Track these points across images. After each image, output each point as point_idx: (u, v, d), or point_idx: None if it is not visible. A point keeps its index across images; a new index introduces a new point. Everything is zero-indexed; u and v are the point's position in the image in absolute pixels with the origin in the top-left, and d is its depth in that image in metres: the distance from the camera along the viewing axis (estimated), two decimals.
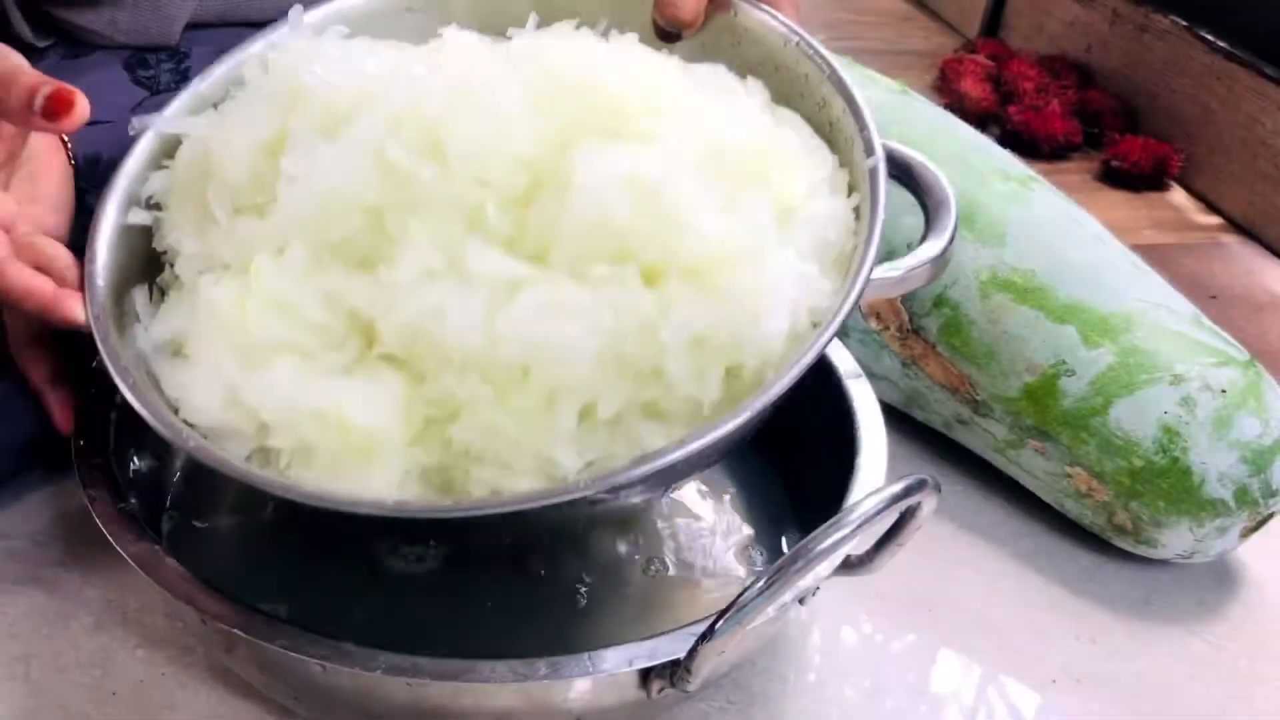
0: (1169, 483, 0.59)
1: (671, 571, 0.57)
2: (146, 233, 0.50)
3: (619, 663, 0.42)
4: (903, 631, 0.59)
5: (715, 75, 0.51)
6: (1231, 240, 1.04)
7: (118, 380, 0.45)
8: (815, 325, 0.44)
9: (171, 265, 0.49)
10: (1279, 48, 1.04)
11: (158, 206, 0.50)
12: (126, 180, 0.50)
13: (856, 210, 0.47)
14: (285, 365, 0.44)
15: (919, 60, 1.36)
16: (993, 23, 1.41)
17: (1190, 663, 0.58)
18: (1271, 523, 0.61)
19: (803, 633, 0.58)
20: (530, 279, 0.43)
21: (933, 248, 0.48)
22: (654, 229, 0.43)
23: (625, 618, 0.54)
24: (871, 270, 0.44)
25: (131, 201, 0.50)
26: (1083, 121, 1.18)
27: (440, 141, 0.44)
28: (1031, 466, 0.64)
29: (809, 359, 0.42)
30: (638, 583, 0.56)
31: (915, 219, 0.65)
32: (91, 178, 0.62)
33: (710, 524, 0.60)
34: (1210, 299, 0.93)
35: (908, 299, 0.66)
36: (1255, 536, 0.61)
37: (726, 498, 0.62)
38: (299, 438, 0.43)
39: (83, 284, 0.48)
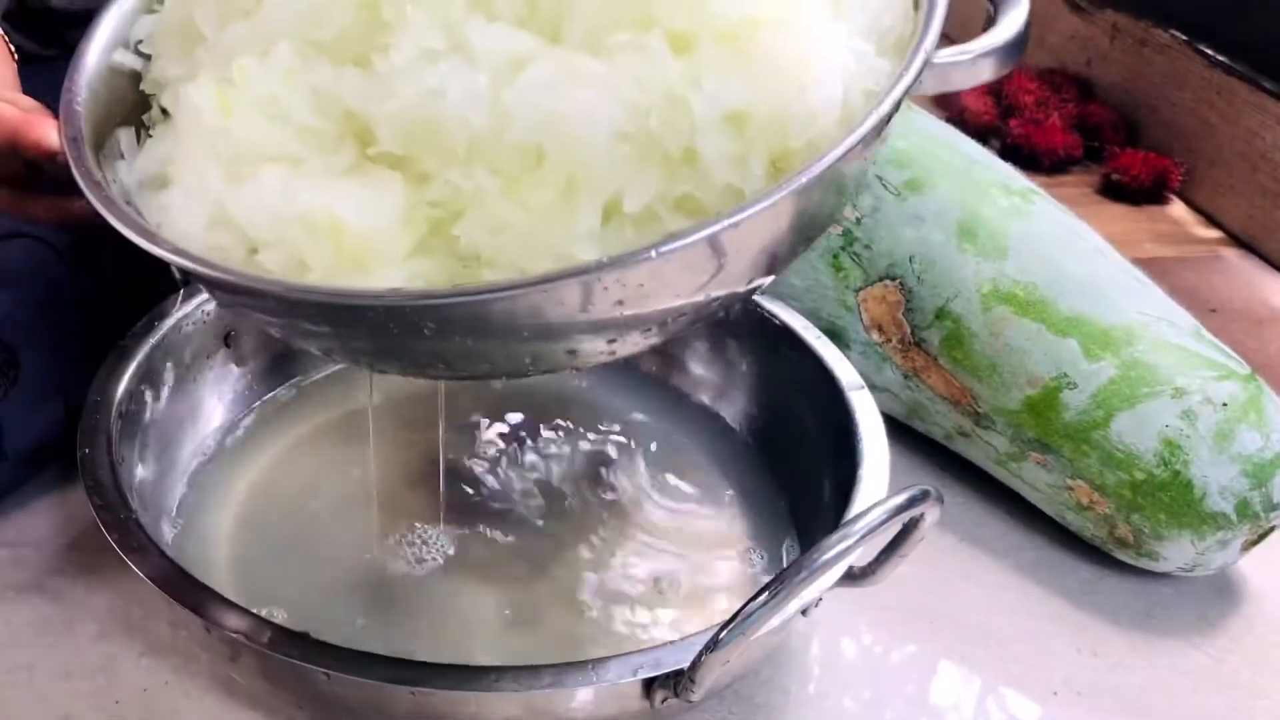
0: (1170, 496, 0.59)
1: (674, 582, 0.57)
2: (135, 79, 0.47)
3: (623, 672, 0.42)
4: (904, 643, 0.59)
5: None
6: (1231, 254, 1.04)
7: (89, 194, 0.41)
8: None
9: (158, 101, 0.46)
10: (1278, 62, 1.05)
11: (143, 55, 0.47)
12: (113, 21, 0.47)
13: None
14: (274, 174, 0.39)
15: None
16: None
17: (1192, 675, 0.58)
18: (1272, 536, 0.61)
19: (805, 644, 0.58)
20: (540, 53, 0.38)
21: (1007, 29, 0.42)
22: None
23: (627, 628, 0.55)
24: (934, 45, 0.39)
25: (118, 43, 0.47)
26: (1083, 135, 1.18)
27: None
28: (1033, 479, 0.64)
29: (870, 124, 0.36)
30: (640, 593, 0.57)
31: (917, 231, 0.65)
32: None
33: (712, 535, 0.60)
34: (1210, 312, 0.93)
35: (909, 311, 0.66)
36: (1256, 550, 0.61)
37: (728, 509, 0.62)
38: (290, 252, 0.38)
39: (56, 118, 0.44)
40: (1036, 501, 0.66)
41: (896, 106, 0.37)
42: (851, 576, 0.49)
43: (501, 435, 0.65)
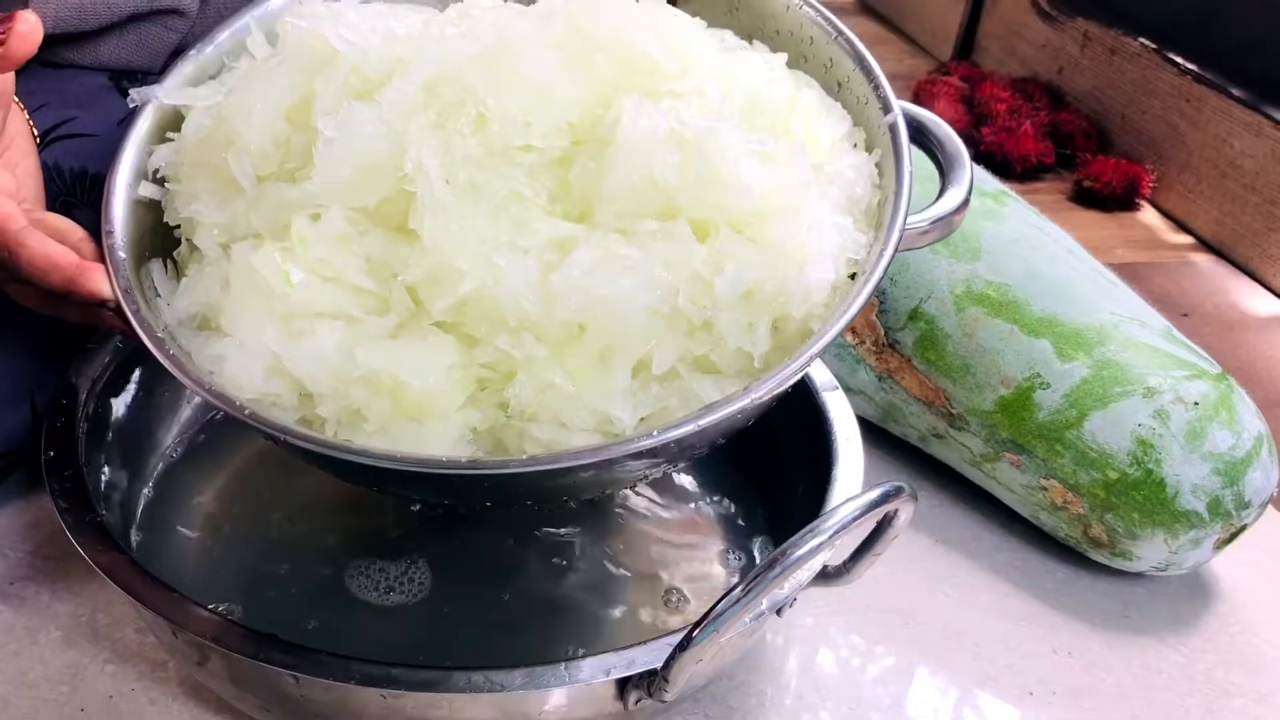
0: (1143, 495, 0.59)
1: (649, 585, 0.57)
2: (154, 207, 0.48)
3: (595, 672, 0.42)
4: (879, 644, 0.58)
5: (727, 38, 0.50)
6: (1202, 259, 1.05)
7: (157, 353, 0.43)
8: (853, 277, 0.44)
9: (188, 239, 0.47)
10: (1246, 70, 1.06)
11: (162, 181, 0.49)
12: (132, 153, 0.49)
13: (878, 166, 0.48)
14: (330, 332, 0.43)
15: (893, 83, 1.37)
16: (966, 46, 1.43)
17: (1166, 674, 0.58)
18: (1244, 535, 0.61)
19: (781, 646, 0.58)
20: (581, 238, 0.43)
21: (954, 198, 0.48)
22: (701, 184, 0.43)
23: (598, 627, 0.54)
24: (906, 220, 0.45)
25: (139, 175, 0.49)
26: (1055, 142, 1.19)
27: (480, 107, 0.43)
28: (1008, 480, 0.64)
29: (856, 308, 0.43)
30: (615, 594, 0.56)
31: None
32: (79, 192, 0.61)
33: (687, 537, 0.60)
34: (1182, 316, 0.94)
35: (883, 313, 0.66)
36: (1229, 549, 0.62)
37: (702, 511, 0.61)
38: (347, 405, 0.42)
39: (103, 257, 0.46)
40: (1011, 503, 0.66)
41: (881, 279, 0.44)
42: (826, 576, 0.49)
43: None
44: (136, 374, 0.58)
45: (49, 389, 0.54)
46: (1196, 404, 0.59)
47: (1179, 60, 1.12)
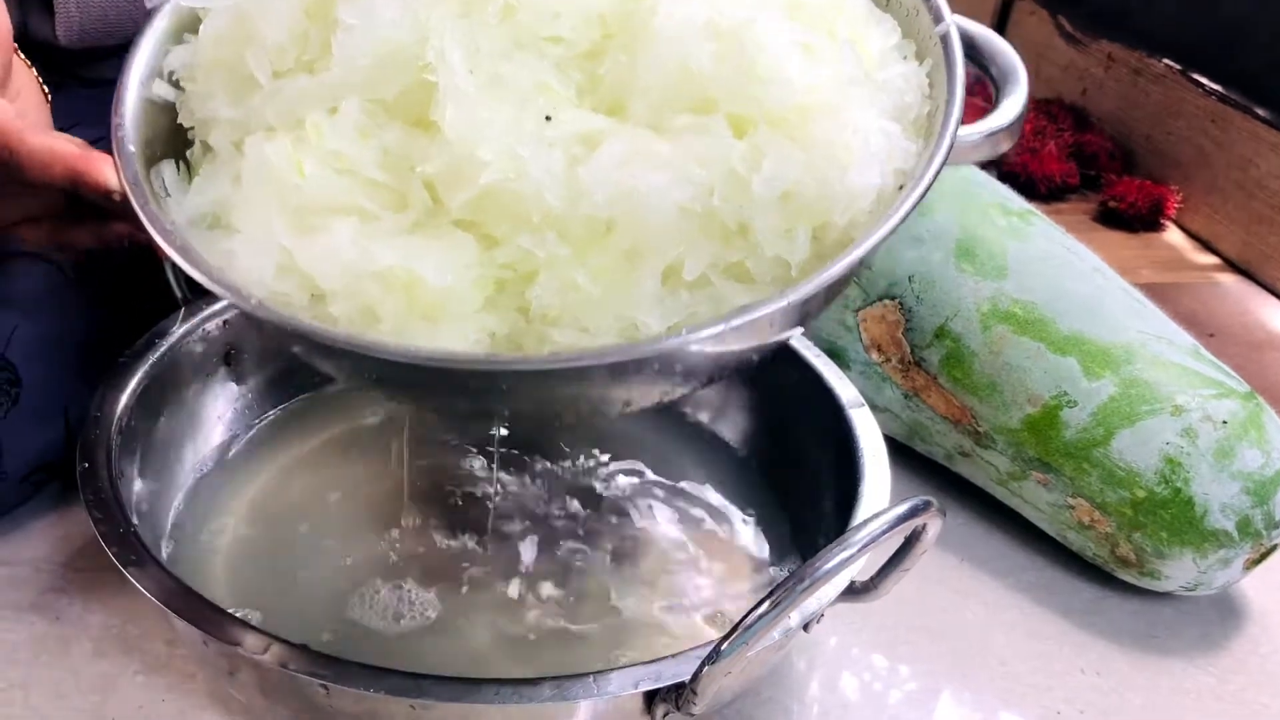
0: (1171, 514, 0.59)
1: (676, 600, 0.57)
2: (168, 110, 0.47)
3: (624, 684, 0.42)
4: (906, 662, 0.58)
5: None
6: (1228, 279, 1.05)
7: (163, 243, 0.42)
8: (900, 188, 0.42)
9: (202, 139, 0.46)
10: (1272, 91, 1.06)
11: (177, 84, 0.47)
12: (146, 54, 0.48)
13: (929, 77, 0.46)
14: (344, 228, 0.41)
15: None
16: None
17: (1194, 696, 0.58)
18: (1275, 555, 0.61)
19: (807, 662, 0.58)
20: (611, 131, 0.40)
21: (1009, 112, 0.46)
22: (739, 77, 0.41)
23: (624, 642, 0.54)
24: (957, 129, 0.43)
25: (153, 74, 0.47)
26: (1080, 163, 1.19)
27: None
28: (1034, 498, 0.64)
29: (901, 215, 0.40)
30: (640, 609, 0.56)
31: (916, 251, 0.66)
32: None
33: (714, 553, 0.60)
34: (1209, 337, 0.93)
35: (909, 331, 0.66)
36: (1259, 569, 0.61)
37: (729, 527, 0.62)
38: (360, 303, 0.40)
39: (111, 155, 0.45)
40: (1038, 521, 0.65)
41: (928, 189, 0.41)
42: (854, 591, 0.49)
43: (500, 461, 0.65)
44: (170, 387, 0.59)
45: (82, 403, 0.55)
46: (1225, 422, 0.59)
47: (1204, 81, 1.12)
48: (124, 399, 0.55)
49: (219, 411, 0.64)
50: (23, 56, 0.52)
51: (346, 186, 0.41)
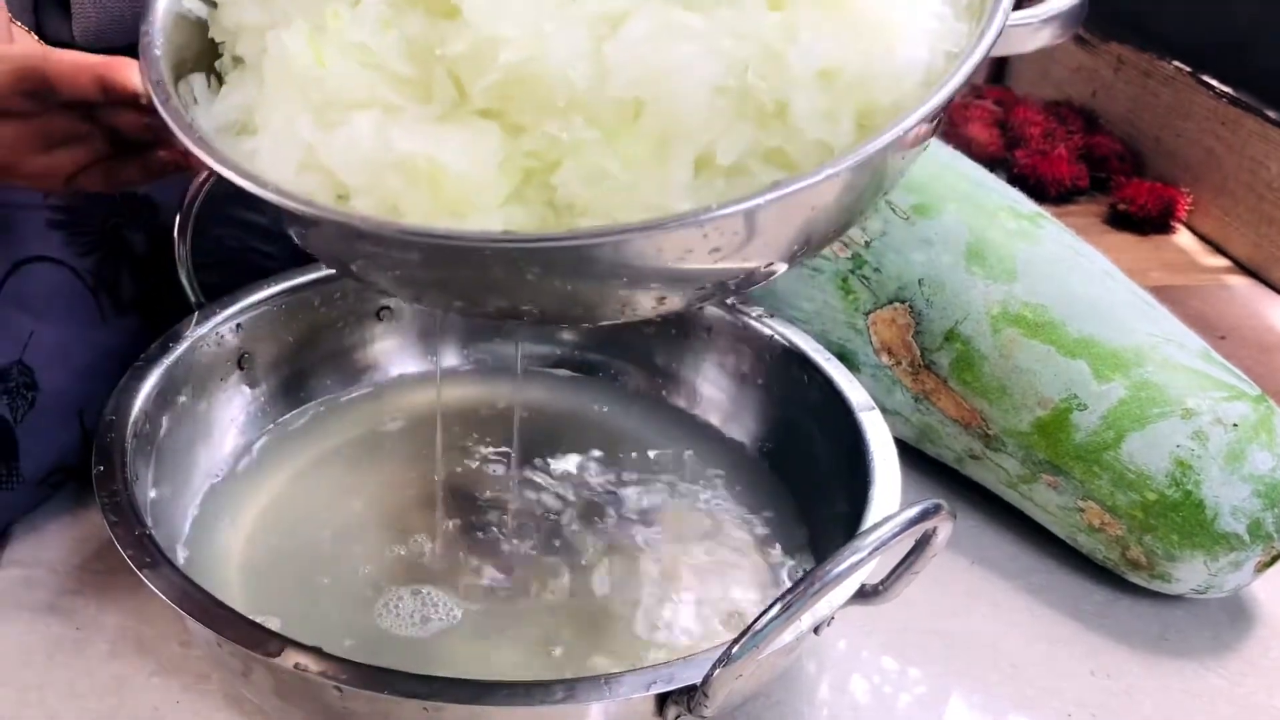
0: (1182, 516, 0.59)
1: (688, 602, 0.57)
2: (200, 27, 0.47)
3: (636, 687, 0.42)
4: (916, 665, 0.58)
5: None
6: (1239, 282, 1.05)
7: (184, 137, 0.41)
8: None
9: (231, 52, 0.46)
10: None
11: (210, 2, 0.47)
12: None
13: None
14: (366, 120, 0.40)
15: None
16: (999, 69, 1.43)
17: (1206, 699, 0.58)
18: None
19: (817, 665, 0.58)
20: (638, 7, 0.38)
21: None
22: None
23: (636, 646, 0.54)
24: (1009, 6, 0.40)
25: None
26: (1089, 166, 1.19)
27: None
28: (1044, 501, 0.64)
29: (955, 84, 0.38)
30: (653, 612, 0.56)
31: (925, 254, 0.66)
32: (127, 213, 0.63)
33: (726, 556, 0.60)
34: (1219, 339, 0.93)
35: (919, 334, 0.66)
36: (1271, 571, 0.61)
37: (741, 530, 0.62)
38: (384, 196, 0.39)
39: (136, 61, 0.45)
40: (1048, 524, 0.65)
41: (978, 66, 0.39)
42: (864, 594, 0.49)
43: (515, 463, 0.65)
44: (184, 392, 0.60)
45: (98, 406, 0.56)
46: (1236, 425, 0.59)
47: (1214, 83, 1.12)
48: (139, 403, 0.56)
49: (233, 415, 0.64)
50: (22, 26, 0.52)
51: (369, 79, 0.41)
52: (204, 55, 0.48)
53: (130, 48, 0.63)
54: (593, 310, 0.44)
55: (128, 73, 0.45)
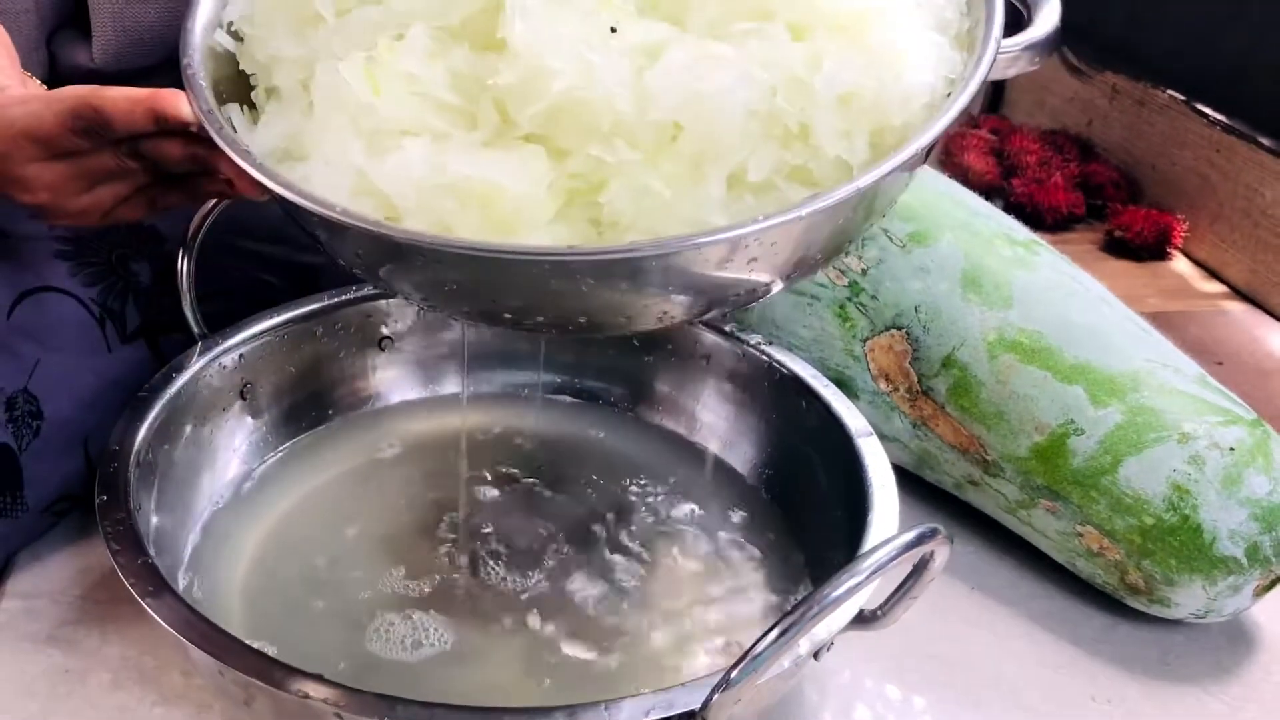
0: (1180, 540, 0.59)
1: (689, 629, 0.57)
2: (228, 61, 0.49)
3: (635, 713, 0.42)
4: (917, 691, 0.58)
5: None
6: (1236, 307, 1.05)
7: (243, 163, 0.44)
8: (948, 97, 0.44)
9: (265, 84, 0.48)
10: (1275, 120, 1.06)
11: (236, 36, 0.49)
12: (206, 7, 0.50)
13: None
14: (417, 146, 0.42)
15: None
16: (995, 99, 1.44)
17: None
18: None
19: (818, 691, 0.58)
20: (674, 39, 0.42)
21: (1045, 25, 0.48)
22: None
23: (635, 672, 0.55)
24: (1000, 38, 0.45)
25: (213, 26, 0.49)
26: (1085, 193, 1.20)
27: None
28: (1043, 526, 0.64)
29: (958, 107, 0.42)
30: (653, 638, 0.57)
31: (922, 282, 0.66)
32: (135, 243, 0.63)
33: (726, 582, 0.60)
34: (1217, 365, 0.93)
35: (916, 360, 0.67)
36: (1270, 596, 0.61)
37: (741, 556, 0.62)
38: (436, 218, 0.42)
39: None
40: (1047, 549, 0.66)
41: (979, 90, 0.43)
42: (863, 619, 0.49)
43: (516, 488, 0.66)
44: (187, 421, 0.60)
45: (102, 435, 0.56)
46: (1232, 449, 0.59)
47: (1208, 111, 1.13)
48: (142, 432, 0.56)
49: (235, 444, 0.64)
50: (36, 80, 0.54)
51: (418, 107, 0.43)
52: (235, 86, 0.49)
53: (148, 70, 0.65)
54: (634, 320, 0.47)
55: (179, 104, 0.47)
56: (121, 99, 0.47)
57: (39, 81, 0.54)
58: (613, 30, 0.42)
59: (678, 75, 0.41)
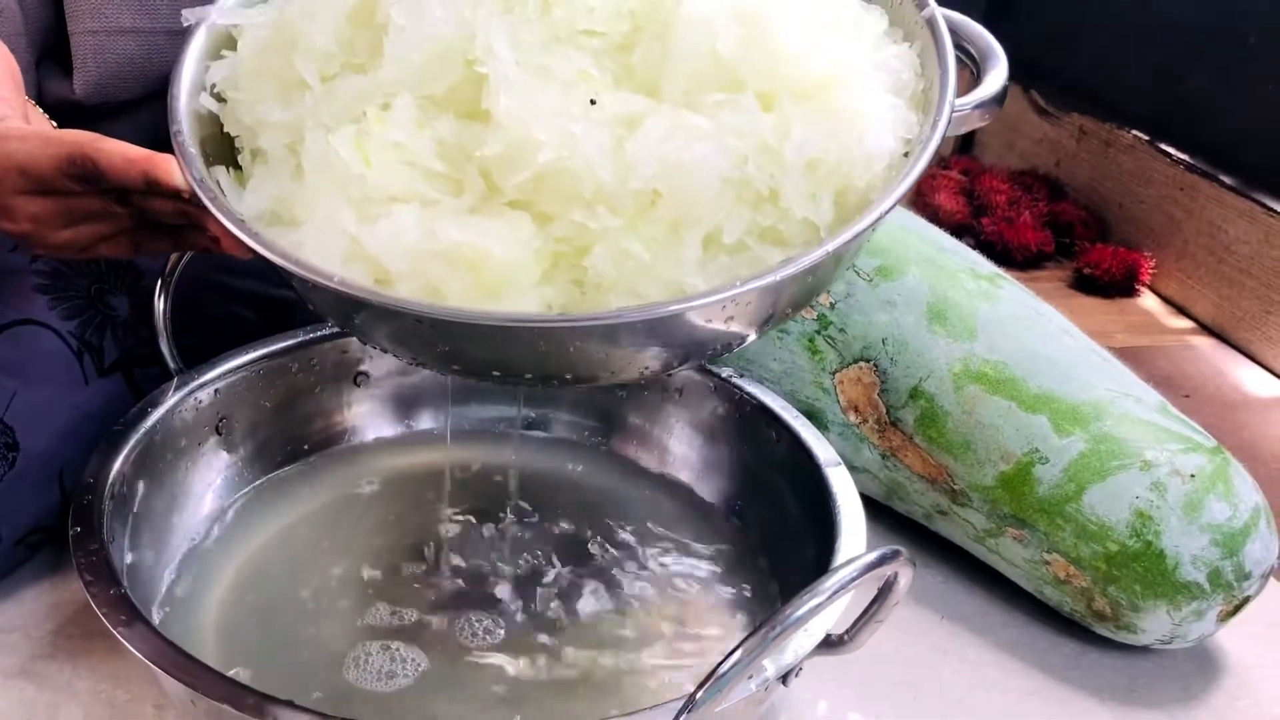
0: (1144, 566, 0.60)
1: (657, 655, 0.58)
2: (211, 122, 0.50)
3: None
4: (889, 718, 0.59)
5: None
6: (1202, 342, 1.07)
7: (239, 232, 0.45)
8: (906, 155, 0.47)
9: (250, 147, 0.49)
10: (1237, 159, 1.09)
11: (219, 98, 0.50)
12: (190, 69, 0.51)
13: (919, 57, 0.50)
14: (407, 213, 0.44)
15: None
16: (966, 140, 1.47)
17: None
18: (1249, 608, 0.62)
19: (791, 718, 0.58)
20: (650, 111, 0.44)
21: (994, 84, 0.50)
22: (762, 57, 0.45)
23: (606, 700, 0.55)
24: (954, 100, 0.47)
25: (196, 89, 0.50)
26: (1054, 232, 1.22)
27: None
28: (1011, 555, 0.65)
29: (918, 170, 0.45)
30: (624, 667, 0.57)
31: (888, 315, 0.68)
32: (114, 279, 0.64)
33: (698, 611, 0.61)
34: (1184, 398, 0.95)
35: (884, 392, 0.68)
36: (1234, 622, 0.62)
37: (712, 585, 0.62)
38: (426, 282, 0.43)
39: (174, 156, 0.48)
40: (1015, 578, 0.66)
41: (937, 152, 0.46)
42: (830, 644, 0.49)
43: (491, 522, 0.66)
44: (162, 456, 0.60)
45: (77, 468, 0.56)
46: (1193, 476, 0.60)
47: (1171, 151, 1.16)
48: (117, 465, 0.56)
49: (210, 479, 0.65)
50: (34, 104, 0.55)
51: (407, 175, 0.45)
52: (219, 146, 0.51)
53: (130, 103, 0.65)
54: (618, 373, 0.49)
55: (172, 170, 0.48)
56: (118, 157, 0.48)
57: (41, 111, 0.55)
58: (592, 102, 0.44)
59: (656, 146, 0.43)
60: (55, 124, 0.60)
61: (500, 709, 0.54)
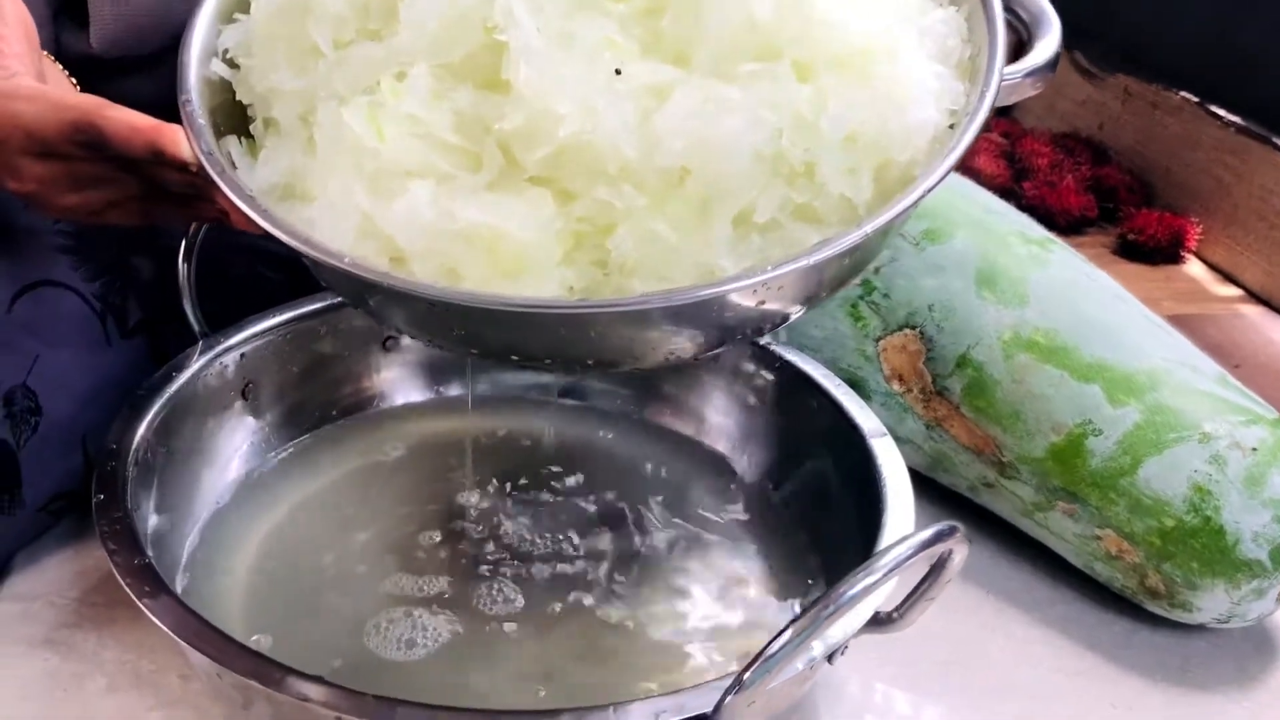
0: (1201, 543, 0.58)
1: (702, 635, 0.56)
2: (223, 89, 0.48)
3: (645, 716, 0.41)
4: (933, 697, 0.57)
5: None
6: (1252, 310, 1.04)
7: (247, 208, 0.43)
8: (952, 127, 0.44)
9: (263, 115, 0.47)
10: None
11: (232, 64, 0.48)
12: (201, 34, 0.49)
13: (966, 21, 0.47)
14: (422, 189, 0.42)
15: None
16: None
17: None
18: None
19: (832, 696, 0.56)
20: (680, 81, 0.42)
21: (1046, 50, 0.48)
22: (799, 24, 0.42)
23: (647, 675, 0.53)
24: (1003, 67, 0.45)
25: (209, 54, 0.49)
26: (1098, 196, 1.18)
27: None
28: (1061, 529, 0.63)
29: (963, 147, 0.42)
30: (664, 642, 0.55)
31: (936, 280, 0.65)
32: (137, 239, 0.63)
33: (739, 587, 0.59)
34: (1234, 368, 0.92)
35: (930, 360, 0.65)
36: None
37: (753, 560, 0.61)
38: (442, 262, 0.41)
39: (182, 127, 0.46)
40: (1064, 553, 0.64)
41: (985, 123, 0.43)
42: (878, 621, 0.48)
43: (520, 490, 0.65)
44: (187, 421, 0.59)
45: (101, 434, 0.55)
46: (1255, 449, 0.58)
47: (1221, 113, 1.12)
48: (141, 431, 0.55)
49: (236, 445, 0.63)
50: (52, 58, 0.53)
51: (422, 149, 0.42)
52: (231, 114, 0.49)
53: (148, 57, 0.64)
54: (642, 359, 0.47)
55: (179, 142, 0.46)
56: (124, 126, 0.47)
57: (61, 68, 0.54)
58: (618, 72, 0.42)
59: (685, 120, 0.41)
60: (73, 79, 0.58)
61: (525, 681, 0.53)
